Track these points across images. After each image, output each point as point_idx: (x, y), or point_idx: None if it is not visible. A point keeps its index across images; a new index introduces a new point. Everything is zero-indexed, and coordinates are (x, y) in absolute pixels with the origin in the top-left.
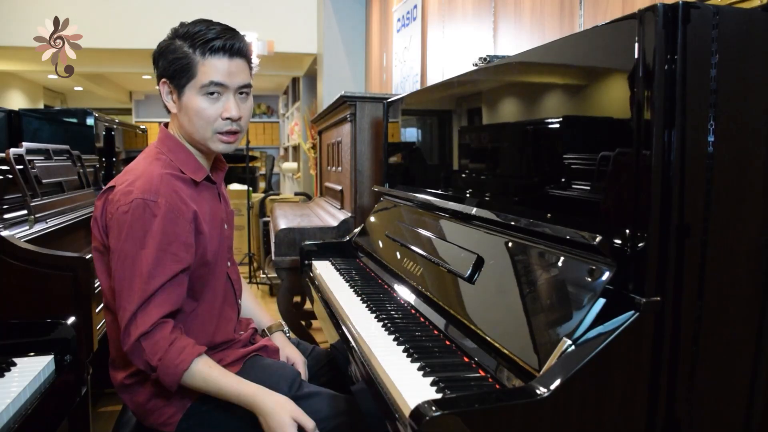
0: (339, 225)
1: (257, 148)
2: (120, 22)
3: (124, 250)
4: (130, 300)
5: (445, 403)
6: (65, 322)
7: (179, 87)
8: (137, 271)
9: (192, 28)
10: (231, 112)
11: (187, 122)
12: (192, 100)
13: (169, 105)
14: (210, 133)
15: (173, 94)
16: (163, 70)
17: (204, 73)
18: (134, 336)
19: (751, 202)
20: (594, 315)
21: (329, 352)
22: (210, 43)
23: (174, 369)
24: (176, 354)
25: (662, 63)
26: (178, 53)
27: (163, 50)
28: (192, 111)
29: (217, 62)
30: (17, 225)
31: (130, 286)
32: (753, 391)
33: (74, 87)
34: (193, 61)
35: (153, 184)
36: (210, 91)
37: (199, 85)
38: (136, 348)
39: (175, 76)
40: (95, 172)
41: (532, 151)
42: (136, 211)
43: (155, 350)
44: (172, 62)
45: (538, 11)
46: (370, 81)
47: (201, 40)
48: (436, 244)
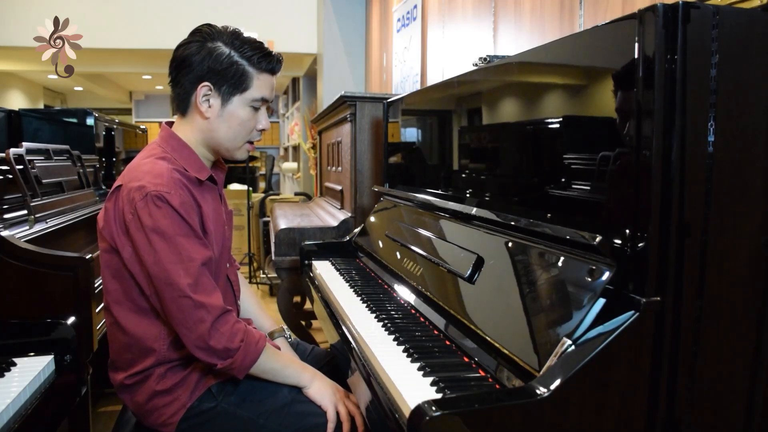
0: (339, 225)
1: (257, 148)
2: (120, 22)
3: (153, 242)
4: (180, 288)
5: (445, 403)
6: (65, 322)
7: (227, 94)
8: (175, 258)
9: (239, 37)
10: (263, 125)
11: (224, 129)
12: (239, 110)
13: (203, 108)
14: (242, 142)
15: (213, 99)
16: (210, 74)
17: (258, 87)
18: (209, 320)
19: (751, 202)
20: (594, 315)
21: (329, 352)
22: (267, 59)
23: (255, 348)
24: (254, 335)
25: (662, 63)
26: (232, 60)
27: (207, 53)
28: (236, 120)
29: (267, 79)
30: (17, 225)
31: (176, 272)
32: (753, 391)
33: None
34: (249, 73)
35: (164, 178)
36: (256, 105)
37: (251, 98)
38: (214, 333)
39: (225, 82)
40: (95, 172)
41: (532, 151)
42: (153, 204)
43: (234, 332)
44: (226, 68)
45: (538, 11)
46: (370, 81)
47: (259, 54)
48: (436, 244)
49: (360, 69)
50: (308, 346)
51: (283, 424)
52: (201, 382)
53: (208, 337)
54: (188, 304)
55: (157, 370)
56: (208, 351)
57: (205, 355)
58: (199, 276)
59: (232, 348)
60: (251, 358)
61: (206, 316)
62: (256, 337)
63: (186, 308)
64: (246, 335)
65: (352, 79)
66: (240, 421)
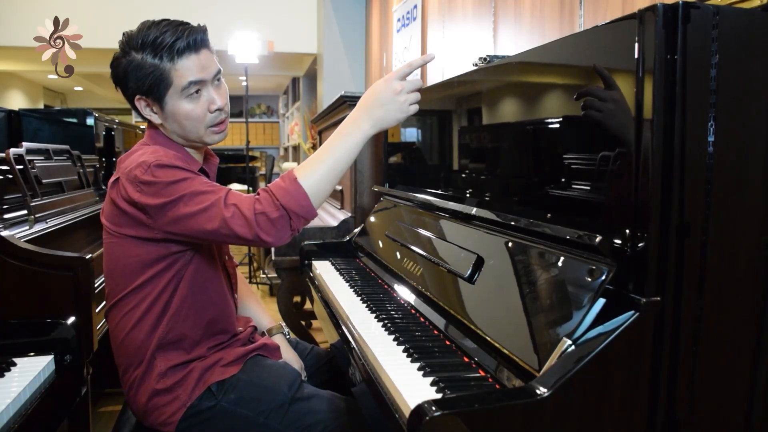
0: (339, 225)
1: (257, 148)
2: (120, 22)
3: (177, 189)
4: (216, 201)
5: (445, 403)
6: (65, 322)
7: (158, 98)
8: (201, 190)
9: (146, 37)
10: (217, 103)
11: (178, 127)
12: (177, 106)
13: (152, 118)
14: (203, 130)
15: (152, 106)
16: (136, 88)
17: (180, 77)
18: (250, 215)
19: (751, 202)
20: (594, 315)
21: (329, 352)
22: (174, 46)
23: (295, 188)
24: (280, 184)
25: (662, 63)
26: (146, 68)
27: (126, 69)
28: (181, 116)
29: (188, 63)
30: (17, 225)
31: (205, 197)
32: (753, 391)
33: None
34: (165, 70)
35: (160, 152)
36: (191, 92)
37: (180, 89)
38: (260, 220)
39: (151, 90)
40: (95, 172)
41: (532, 151)
42: (158, 171)
43: (270, 202)
44: (143, 78)
45: (538, 11)
46: (370, 81)
47: (163, 46)
48: (436, 244)
49: (360, 69)
50: (308, 345)
51: (283, 422)
52: (201, 381)
53: (257, 229)
54: (229, 212)
55: (157, 369)
56: (278, 226)
57: (275, 231)
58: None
59: (280, 213)
60: (303, 198)
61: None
62: (286, 181)
63: (229, 218)
64: (277, 193)
65: (352, 79)
66: (240, 419)
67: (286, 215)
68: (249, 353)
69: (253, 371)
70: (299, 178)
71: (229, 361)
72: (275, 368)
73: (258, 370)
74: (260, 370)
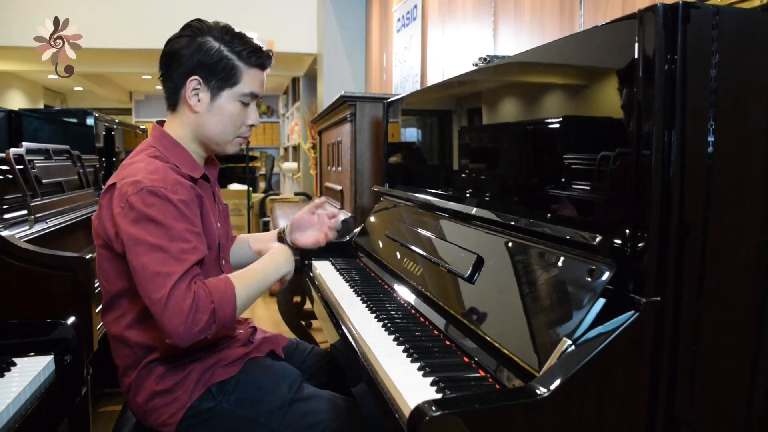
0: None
1: (257, 148)
2: (120, 22)
3: (150, 233)
4: (167, 276)
5: (445, 403)
6: (65, 322)
7: (216, 88)
8: (166, 249)
9: (230, 32)
10: (255, 121)
11: (213, 123)
12: (228, 105)
13: (193, 103)
14: (232, 137)
15: (202, 93)
16: (199, 68)
17: (247, 82)
18: (184, 312)
19: (751, 202)
20: (594, 315)
21: (329, 352)
22: (257, 54)
23: (227, 294)
24: (216, 284)
25: (662, 63)
26: (223, 55)
27: (198, 47)
28: (225, 114)
29: (258, 74)
30: (17, 225)
31: (163, 263)
32: (753, 391)
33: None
34: (238, 68)
35: (159, 174)
36: (246, 101)
37: (240, 93)
38: (191, 316)
39: (216, 76)
40: (95, 172)
41: (532, 151)
42: (148, 198)
43: (204, 301)
44: (215, 62)
45: (538, 11)
46: (370, 81)
47: (249, 49)
48: (436, 244)
49: (360, 69)
50: (308, 345)
51: (283, 423)
52: (201, 382)
53: (187, 328)
54: (161, 299)
55: (157, 369)
56: (199, 328)
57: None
58: (189, 267)
59: (208, 315)
60: (230, 308)
61: (177, 310)
62: (224, 286)
63: (159, 303)
64: (212, 294)
65: (352, 79)
66: (240, 420)
67: (212, 331)
68: (249, 353)
69: (253, 372)
70: (237, 304)
71: (229, 361)
72: (275, 369)
73: (258, 371)
74: (260, 370)
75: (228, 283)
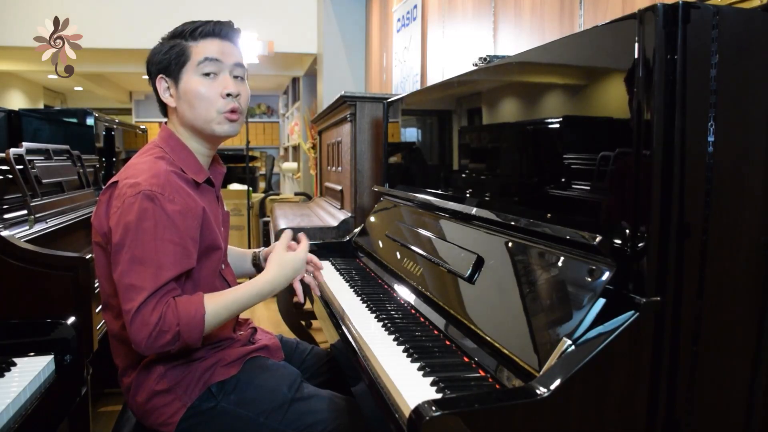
0: (339, 225)
1: (257, 148)
2: (120, 22)
3: (134, 241)
4: (139, 291)
5: (445, 403)
6: (65, 322)
7: (175, 75)
8: (146, 261)
9: (180, 27)
10: (230, 88)
11: (188, 109)
12: (190, 83)
13: (168, 100)
14: (214, 114)
15: (170, 87)
16: (158, 68)
17: (197, 53)
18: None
19: (751, 202)
20: (594, 315)
21: (329, 352)
22: (199, 29)
23: (196, 319)
24: (187, 307)
25: (662, 63)
26: (172, 44)
27: (155, 52)
28: (192, 94)
29: (208, 44)
30: (17, 225)
31: (140, 276)
32: (753, 391)
33: (74, 87)
34: (186, 47)
35: (160, 178)
36: (206, 71)
37: (195, 64)
38: (154, 333)
39: (170, 65)
40: (95, 172)
41: (532, 151)
42: (144, 203)
43: (170, 322)
44: (165, 55)
45: (538, 11)
46: (370, 81)
47: (190, 28)
48: (436, 244)
49: (360, 69)
50: (308, 346)
51: (283, 423)
52: (201, 382)
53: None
54: (133, 307)
55: (157, 369)
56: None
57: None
58: (165, 282)
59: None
60: (197, 331)
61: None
62: (193, 309)
63: (130, 311)
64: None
65: (352, 79)
66: (240, 420)
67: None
68: (249, 354)
69: (253, 372)
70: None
71: (228, 361)
72: (275, 369)
73: (258, 371)
74: (260, 370)
75: (199, 309)
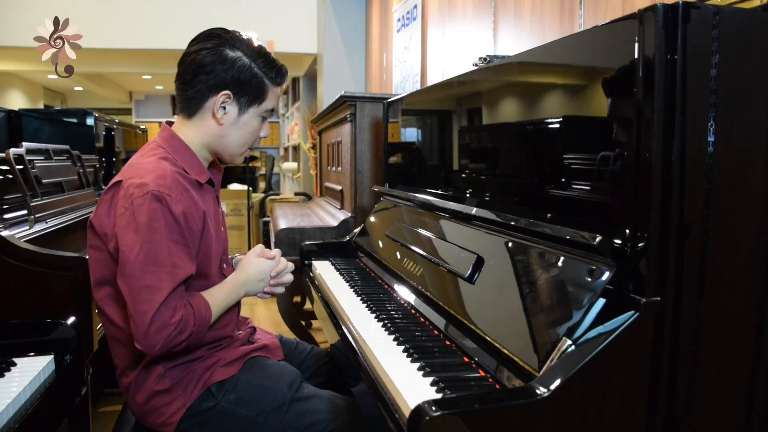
0: (339, 225)
1: (257, 148)
2: (120, 22)
3: (147, 242)
4: (157, 291)
5: (445, 403)
6: (65, 322)
7: (245, 105)
8: (161, 261)
9: (259, 52)
10: (266, 133)
11: (236, 137)
12: (253, 120)
13: (219, 114)
14: (246, 148)
15: (230, 107)
16: (232, 84)
17: (271, 99)
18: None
19: (751, 202)
20: (594, 315)
21: (329, 352)
22: (281, 74)
23: (206, 320)
24: (200, 308)
25: (662, 63)
26: (255, 74)
27: (232, 63)
28: (248, 129)
29: (277, 92)
30: (17, 225)
31: (156, 276)
32: (753, 391)
33: (74, 87)
34: (266, 87)
35: (167, 179)
36: (266, 116)
37: (264, 110)
38: (174, 334)
39: (247, 94)
40: (95, 172)
41: (532, 151)
42: (153, 203)
43: (189, 322)
44: (248, 79)
45: (538, 11)
46: (370, 81)
47: (275, 67)
48: (436, 244)
49: (360, 69)
50: (308, 346)
51: (283, 423)
52: (200, 382)
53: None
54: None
55: (156, 369)
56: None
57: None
58: (183, 280)
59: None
60: (203, 330)
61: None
62: (204, 311)
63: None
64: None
65: (352, 79)
66: (239, 420)
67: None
68: (248, 353)
69: (253, 371)
70: None
71: (228, 361)
72: (275, 368)
73: (257, 371)
74: (260, 370)
75: (208, 309)
